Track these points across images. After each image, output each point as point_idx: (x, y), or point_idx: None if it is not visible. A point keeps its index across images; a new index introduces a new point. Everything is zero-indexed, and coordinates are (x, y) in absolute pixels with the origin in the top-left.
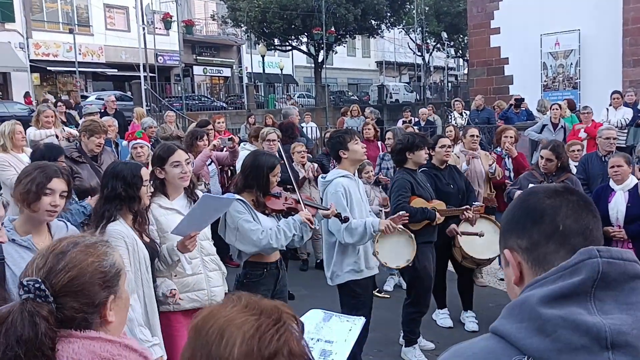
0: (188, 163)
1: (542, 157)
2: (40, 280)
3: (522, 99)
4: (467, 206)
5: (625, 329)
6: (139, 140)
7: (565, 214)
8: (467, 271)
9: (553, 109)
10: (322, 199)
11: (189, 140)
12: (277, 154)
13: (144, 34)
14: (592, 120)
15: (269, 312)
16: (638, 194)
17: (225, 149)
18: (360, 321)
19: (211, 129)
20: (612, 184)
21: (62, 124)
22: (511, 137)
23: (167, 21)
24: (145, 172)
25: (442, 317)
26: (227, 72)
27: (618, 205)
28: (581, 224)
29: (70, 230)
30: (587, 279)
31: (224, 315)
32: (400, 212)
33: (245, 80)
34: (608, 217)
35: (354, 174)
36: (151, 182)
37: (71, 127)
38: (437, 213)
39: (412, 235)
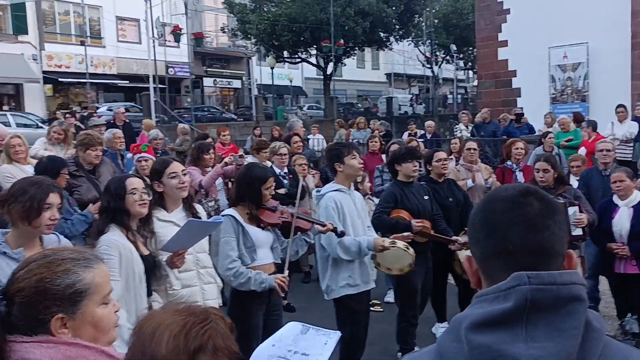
0: (185, 174)
1: (537, 170)
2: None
3: (522, 114)
4: (457, 237)
5: None
6: (143, 154)
7: (517, 233)
8: (468, 284)
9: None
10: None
11: (195, 153)
12: (286, 169)
13: (154, 46)
14: (597, 133)
15: (197, 314)
16: None
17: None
18: (335, 335)
19: (211, 141)
20: (616, 199)
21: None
22: (521, 148)
23: (176, 34)
24: (132, 182)
25: (441, 331)
26: (237, 83)
27: (622, 222)
28: (533, 242)
29: (62, 242)
30: (515, 307)
31: (157, 318)
32: (405, 234)
33: (255, 91)
34: (612, 234)
35: (349, 188)
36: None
37: None
38: (413, 224)
39: (408, 246)
